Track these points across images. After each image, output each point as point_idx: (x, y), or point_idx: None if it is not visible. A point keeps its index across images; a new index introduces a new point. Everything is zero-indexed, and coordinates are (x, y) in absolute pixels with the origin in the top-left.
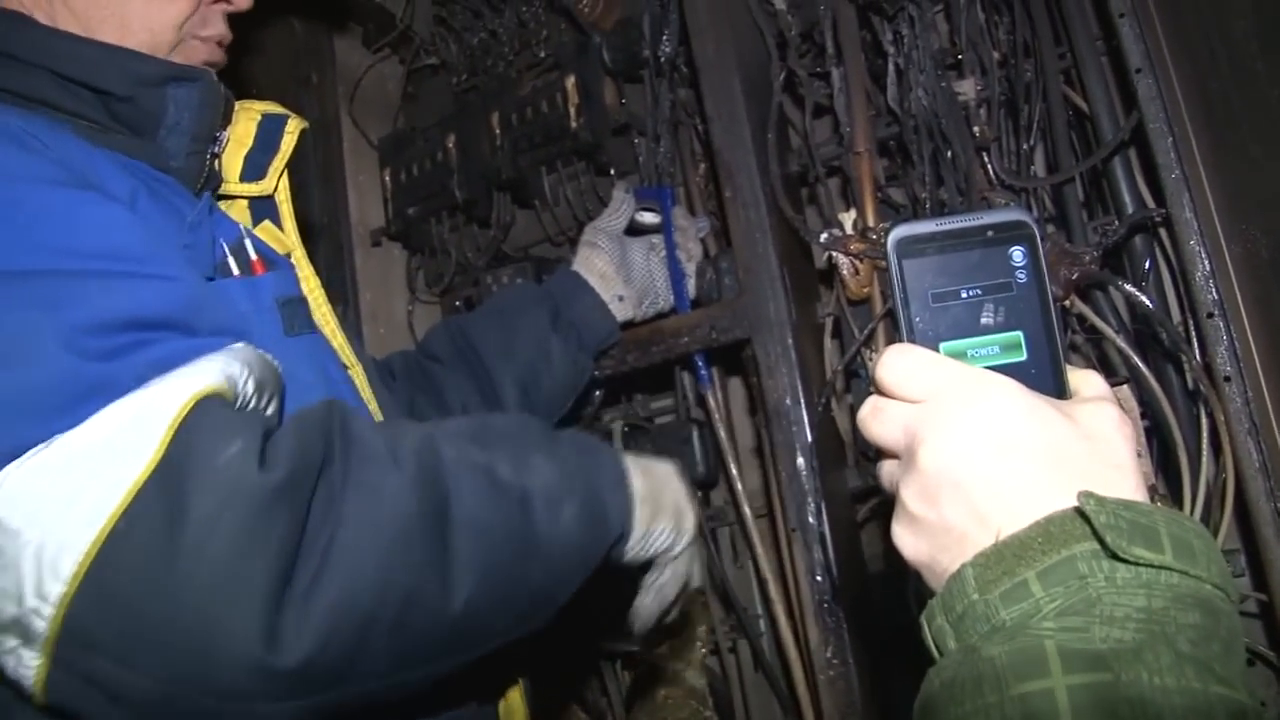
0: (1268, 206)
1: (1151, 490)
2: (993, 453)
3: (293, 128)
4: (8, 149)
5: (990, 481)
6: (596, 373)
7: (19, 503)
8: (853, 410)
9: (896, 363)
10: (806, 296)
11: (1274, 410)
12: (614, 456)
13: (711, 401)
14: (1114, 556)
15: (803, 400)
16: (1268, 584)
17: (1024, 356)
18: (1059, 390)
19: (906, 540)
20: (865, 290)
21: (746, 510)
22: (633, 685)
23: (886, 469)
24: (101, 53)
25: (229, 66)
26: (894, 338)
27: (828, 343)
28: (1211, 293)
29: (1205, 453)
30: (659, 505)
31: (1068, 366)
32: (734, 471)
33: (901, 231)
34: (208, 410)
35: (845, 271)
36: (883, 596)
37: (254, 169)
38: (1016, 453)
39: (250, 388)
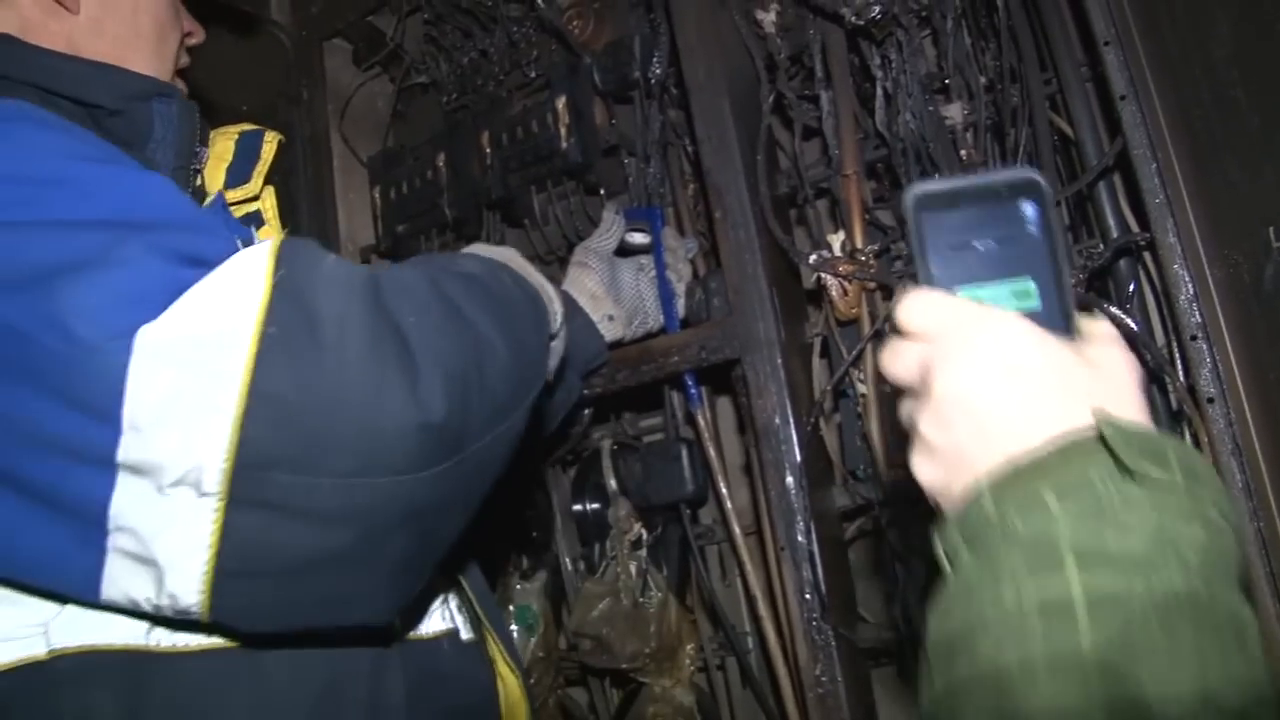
0: (1250, 231)
1: None
2: (1002, 377)
3: (270, 139)
4: (40, 130)
5: (999, 404)
6: (586, 391)
7: (161, 353)
8: (840, 430)
9: (913, 304)
10: (795, 317)
11: (1256, 431)
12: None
13: (701, 420)
14: (1126, 473)
15: (791, 419)
16: (1250, 601)
17: (1036, 302)
18: (1069, 333)
19: (924, 468)
20: (854, 311)
21: (735, 528)
22: (621, 703)
23: (905, 406)
24: (89, 69)
25: (221, 81)
26: (878, 351)
27: (816, 363)
28: (1195, 316)
29: None
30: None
31: (1077, 313)
32: (723, 490)
33: (920, 188)
34: (292, 242)
35: (834, 292)
36: (871, 614)
37: (238, 176)
38: (1025, 377)
39: None
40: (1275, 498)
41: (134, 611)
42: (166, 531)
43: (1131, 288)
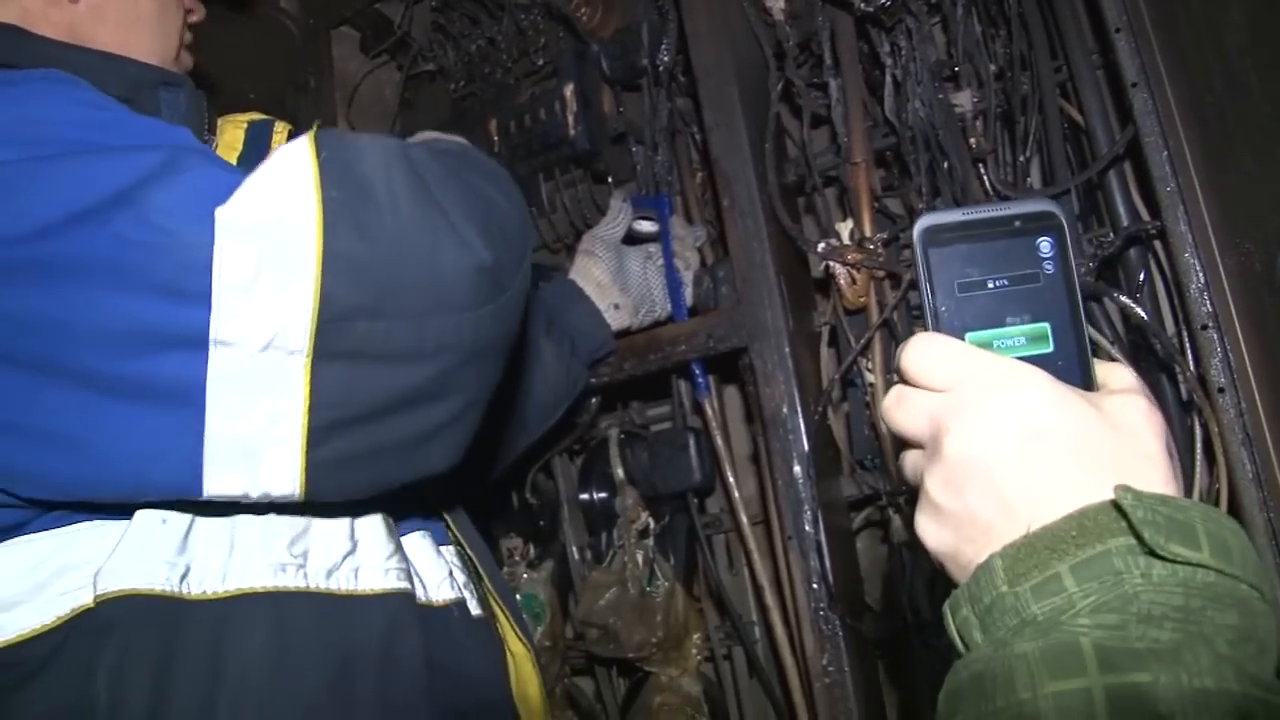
0: (1261, 219)
1: None
2: (1020, 442)
3: (280, 129)
4: (77, 87)
5: (1018, 471)
6: (593, 380)
7: (240, 229)
8: (848, 419)
9: (922, 351)
10: (803, 305)
11: (1267, 421)
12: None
13: (708, 409)
14: (1150, 553)
15: (799, 409)
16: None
17: (1050, 348)
18: (1086, 383)
19: (930, 531)
20: (862, 300)
21: (743, 517)
22: (628, 693)
23: (910, 459)
24: (94, 58)
25: (227, 68)
26: (889, 349)
27: (824, 352)
28: (1206, 305)
29: (1199, 463)
30: None
31: (1094, 360)
32: (730, 479)
33: (928, 221)
34: (324, 130)
35: (842, 281)
36: (878, 604)
37: (250, 167)
38: (1045, 442)
39: None
40: None
41: (238, 506)
42: (261, 397)
43: (1142, 277)
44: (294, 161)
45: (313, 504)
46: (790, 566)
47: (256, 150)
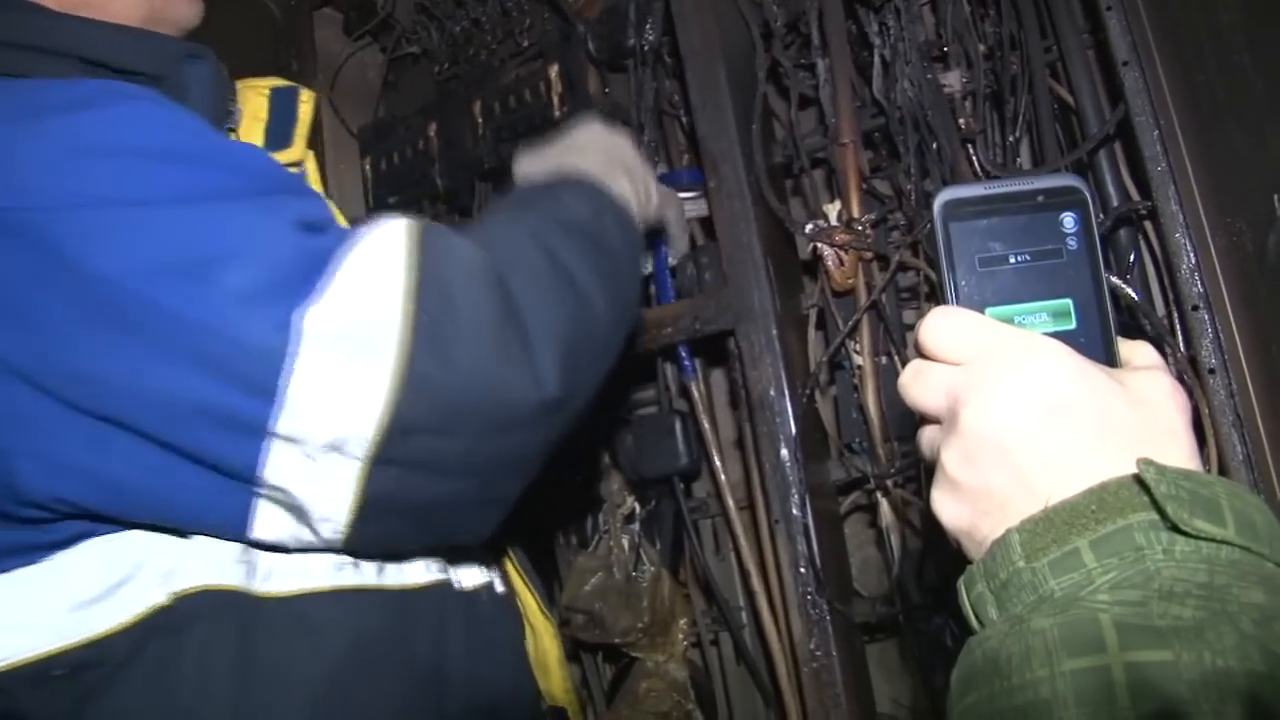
0: (1254, 199)
1: None
2: (1040, 415)
3: (306, 97)
4: (160, 108)
5: (1036, 444)
6: None
7: (322, 338)
8: (836, 402)
9: (941, 324)
10: (790, 288)
11: (1258, 403)
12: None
13: (695, 392)
14: (1173, 529)
15: (786, 391)
16: None
17: (1074, 325)
18: (1109, 360)
19: (946, 506)
20: (850, 281)
21: (729, 501)
22: (614, 678)
23: (927, 435)
24: (124, 34)
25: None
26: (878, 332)
27: (811, 334)
28: (1197, 285)
29: None
30: (632, 185)
31: (1118, 338)
32: (717, 463)
33: (949, 194)
34: (429, 227)
35: (830, 263)
36: (866, 589)
37: (277, 139)
38: (1065, 416)
39: None
40: (1276, 470)
41: (274, 546)
42: (313, 488)
43: (1132, 257)
44: (388, 270)
45: None
46: (778, 551)
47: (283, 119)
